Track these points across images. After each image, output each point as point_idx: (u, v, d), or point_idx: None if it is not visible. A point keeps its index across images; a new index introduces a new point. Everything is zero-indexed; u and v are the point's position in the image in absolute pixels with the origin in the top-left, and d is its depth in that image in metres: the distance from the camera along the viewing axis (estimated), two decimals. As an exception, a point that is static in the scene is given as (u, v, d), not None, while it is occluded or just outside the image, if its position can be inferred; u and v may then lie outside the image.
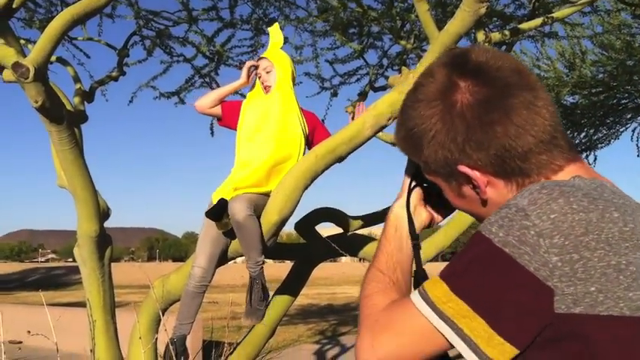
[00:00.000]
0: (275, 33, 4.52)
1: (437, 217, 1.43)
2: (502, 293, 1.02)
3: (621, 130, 11.86)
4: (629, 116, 11.58)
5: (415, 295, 1.12)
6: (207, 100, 4.36)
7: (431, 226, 1.46)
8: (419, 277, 1.30)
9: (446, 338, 1.07)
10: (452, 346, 1.08)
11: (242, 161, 4.17)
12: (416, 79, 1.27)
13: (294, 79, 4.38)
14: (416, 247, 1.34)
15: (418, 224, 1.39)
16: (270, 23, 7.13)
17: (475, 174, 1.18)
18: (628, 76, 9.94)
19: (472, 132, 1.14)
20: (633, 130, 11.57)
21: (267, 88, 4.30)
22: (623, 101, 11.09)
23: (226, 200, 3.95)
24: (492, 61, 1.17)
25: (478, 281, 1.05)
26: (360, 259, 5.23)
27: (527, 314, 1.01)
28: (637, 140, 11.31)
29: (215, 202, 4.01)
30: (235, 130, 4.31)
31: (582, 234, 1.01)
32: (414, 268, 1.34)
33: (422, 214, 1.41)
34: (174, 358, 3.94)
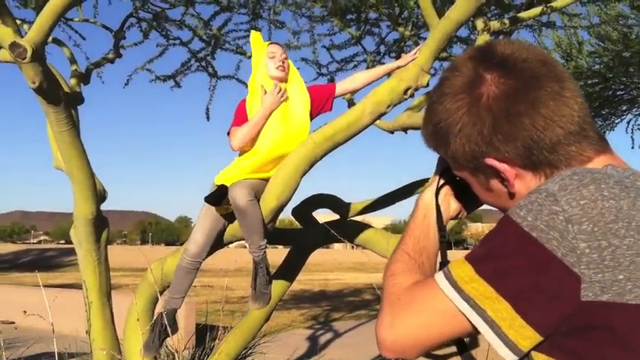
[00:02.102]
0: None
1: (464, 211, 1.44)
2: (528, 277, 1.01)
3: (616, 121, 11.87)
4: (624, 108, 11.59)
5: (439, 275, 1.12)
6: (241, 142, 4.24)
7: (458, 218, 1.47)
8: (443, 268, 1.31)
9: (468, 319, 1.07)
10: (474, 329, 1.08)
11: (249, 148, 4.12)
12: (441, 74, 1.27)
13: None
14: (442, 239, 1.34)
15: (446, 215, 1.39)
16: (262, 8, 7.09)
17: (503, 167, 1.17)
18: (624, 68, 9.94)
19: (499, 124, 1.14)
20: (628, 122, 11.59)
21: (282, 70, 4.21)
22: (618, 93, 11.09)
23: (226, 186, 3.94)
24: (518, 52, 1.17)
25: (504, 264, 1.04)
26: (353, 246, 5.24)
27: (552, 300, 1.00)
28: (632, 132, 11.35)
29: (216, 186, 4.00)
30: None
31: (612, 221, 1.00)
32: (439, 259, 1.35)
33: (451, 205, 1.41)
34: (162, 330, 3.92)
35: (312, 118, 4.23)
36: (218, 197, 3.95)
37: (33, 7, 6.89)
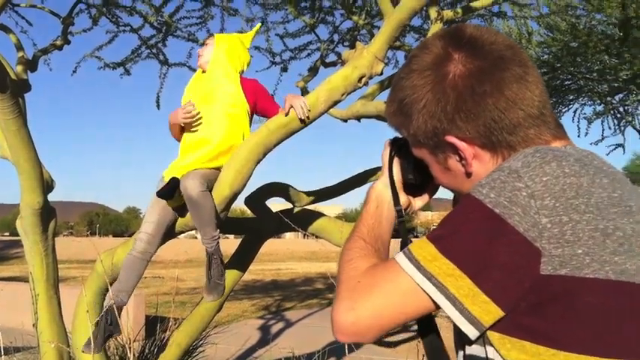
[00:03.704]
0: (253, 31, 4.56)
1: (414, 204, 1.46)
2: (490, 253, 1.02)
3: (564, 110, 12.08)
4: (571, 97, 11.80)
5: (399, 256, 1.13)
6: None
7: (406, 213, 1.47)
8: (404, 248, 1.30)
9: (430, 297, 1.07)
10: (436, 307, 1.08)
11: (197, 140, 4.06)
12: (411, 53, 1.28)
13: (239, 60, 4.27)
14: (401, 221, 1.36)
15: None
16: None
17: (462, 145, 1.19)
18: (572, 58, 10.12)
19: (463, 102, 1.15)
20: (575, 111, 11.79)
21: (199, 57, 4.21)
22: (566, 82, 11.29)
23: (178, 179, 3.87)
24: (487, 35, 1.20)
25: (466, 241, 1.05)
26: (305, 236, 5.23)
27: (513, 274, 1.02)
28: (578, 121, 11.54)
29: (167, 180, 3.92)
30: None
31: (573, 197, 1.02)
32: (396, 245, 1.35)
33: (401, 199, 1.42)
34: (107, 326, 3.81)
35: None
36: (170, 190, 3.88)
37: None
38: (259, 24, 4.87)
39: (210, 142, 4.01)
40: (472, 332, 1.05)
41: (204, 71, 4.23)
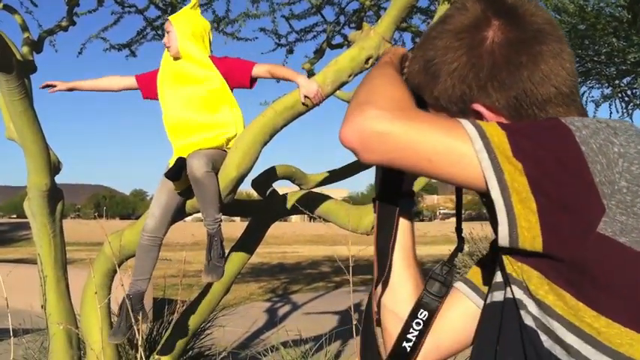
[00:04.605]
0: None
1: None
2: (558, 179, 0.95)
3: (571, 94, 12.03)
4: (579, 80, 11.73)
5: (463, 120, 1.03)
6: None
7: None
8: None
9: (482, 171, 0.97)
10: (473, 185, 0.99)
11: (185, 120, 4.09)
12: (445, 11, 1.22)
13: (202, 36, 4.22)
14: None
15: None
16: None
17: (489, 114, 1.14)
18: (580, 40, 10.04)
19: (497, 71, 1.11)
20: (582, 94, 11.74)
21: (168, 49, 4.20)
22: (574, 65, 11.23)
23: (184, 159, 3.88)
24: (527, 6, 1.15)
25: (541, 152, 0.96)
26: (311, 219, 5.23)
27: (573, 217, 0.95)
28: (586, 104, 11.49)
29: (172, 164, 3.94)
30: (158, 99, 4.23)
31: None
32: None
33: None
34: (130, 313, 3.87)
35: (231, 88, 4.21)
36: (177, 171, 3.89)
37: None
38: None
39: (202, 124, 4.03)
40: (504, 227, 0.96)
41: (175, 58, 4.21)
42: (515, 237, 0.96)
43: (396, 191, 1.26)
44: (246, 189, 5.13)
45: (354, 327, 4.15)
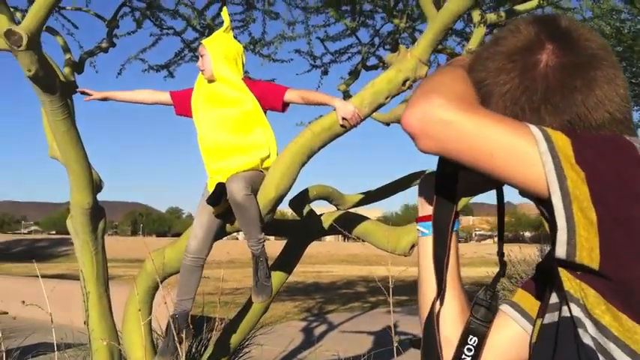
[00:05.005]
0: (224, 17, 4.52)
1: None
2: (617, 193, 0.95)
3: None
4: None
5: (529, 124, 1.03)
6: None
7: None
8: None
9: (545, 176, 0.97)
10: (530, 189, 0.99)
11: (221, 143, 4.18)
12: (497, 33, 1.22)
13: (235, 58, 4.30)
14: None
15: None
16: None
17: None
18: (617, 62, 9.96)
19: (551, 94, 1.10)
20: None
21: (202, 72, 4.28)
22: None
23: (223, 184, 3.96)
24: (582, 30, 1.15)
25: (603, 162, 0.96)
26: (345, 239, 5.24)
27: (635, 238, 0.94)
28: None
29: (211, 189, 4.01)
30: (191, 117, 4.32)
31: None
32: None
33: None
34: (175, 334, 3.93)
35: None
36: (217, 196, 3.97)
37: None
38: (225, 8, 4.86)
39: (238, 146, 4.10)
40: (563, 239, 0.96)
41: (210, 81, 4.29)
42: (573, 244, 0.95)
43: (451, 208, 1.23)
44: (280, 208, 5.17)
45: (394, 348, 4.15)
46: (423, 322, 1.24)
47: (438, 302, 1.22)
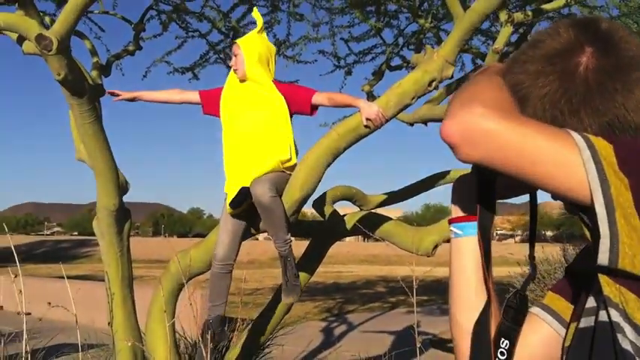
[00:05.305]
0: (256, 18, 4.53)
1: None
2: None
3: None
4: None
5: (571, 131, 1.03)
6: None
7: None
8: None
9: (587, 181, 0.96)
10: (574, 195, 0.98)
11: (248, 146, 4.18)
12: (535, 36, 1.21)
13: (268, 60, 4.33)
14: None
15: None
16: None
17: None
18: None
19: (591, 97, 1.10)
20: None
21: (235, 72, 4.30)
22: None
23: (247, 188, 3.97)
24: (622, 33, 1.14)
25: None
26: (365, 239, 5.24)
27: None
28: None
29: (231, 192, 4.06)
30: (219, 117, 4.34)
31: None
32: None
33: None
34: (210, 339, 3.98)
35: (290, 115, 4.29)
36: (241, 199, 4.00)
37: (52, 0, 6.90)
38: (255, 8, 4.88)
39: (264, 147, 4.11)
40: (606, 241, 0.95)
41: (241, 81, 4.31)
42: (616, 252, 0.95)
43: (492, 214, 1.23)
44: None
45: (417, 349, 4.14)
46: (470, 328, 1.21)
47: (486, 309, 1.21)
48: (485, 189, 1.20)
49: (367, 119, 4.03)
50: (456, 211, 1.27)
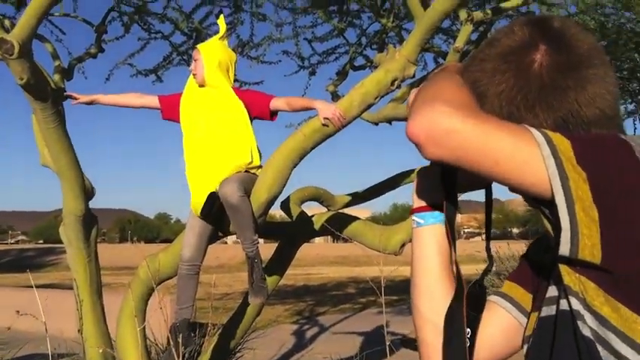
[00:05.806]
0: (220, 25, 4.57)
1: None
2: (618, 189, 0.97)
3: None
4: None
5: (529, 127, 1.05)
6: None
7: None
8: None
9: (547, 175, 0.99)
10: (536, 190, 1.01)
11: (209, 149, 4.19)
12: (492, 35, 1.25)
13: (228, 67, 4.36)
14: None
15: None
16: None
17: None
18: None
19: (545, 93, 1.14)
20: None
21: (194, 76, 4.32)
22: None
23: (215, 194, 3.98)
24: (574, 30, 1.18)
25: (602, 160, 0.99)
26: (334, 239, 5.27)
27: (631, 225, 0.96)
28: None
29: (197, 204, 4.09)
30: (178, 122, 4.35)
31: None
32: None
33: None
34: (180, 342, 3.95)
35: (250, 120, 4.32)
36: (211, 206, 4.01)
37: (12, 2, 6.80)
38: (222, 15, 4.91)
39: (224, 152, 4.13)
40: (566, 239, 0.98)
41: (200, 86, 4.32)
42: (576, 243, 0.98)
43: (456, 207, 1.25)
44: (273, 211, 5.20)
45: (387, 348, 4.16)
46: (431, 317, 1.24)
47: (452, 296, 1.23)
48: (448, 179, 1.23)
49: (325, 118, 4.06)
50: (418, 202, 1.30)
